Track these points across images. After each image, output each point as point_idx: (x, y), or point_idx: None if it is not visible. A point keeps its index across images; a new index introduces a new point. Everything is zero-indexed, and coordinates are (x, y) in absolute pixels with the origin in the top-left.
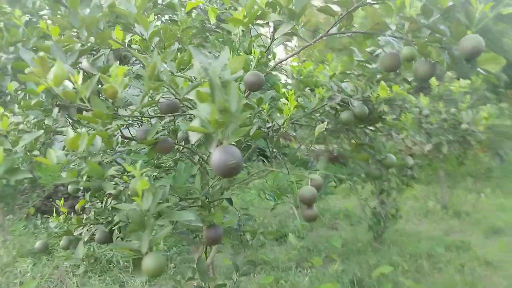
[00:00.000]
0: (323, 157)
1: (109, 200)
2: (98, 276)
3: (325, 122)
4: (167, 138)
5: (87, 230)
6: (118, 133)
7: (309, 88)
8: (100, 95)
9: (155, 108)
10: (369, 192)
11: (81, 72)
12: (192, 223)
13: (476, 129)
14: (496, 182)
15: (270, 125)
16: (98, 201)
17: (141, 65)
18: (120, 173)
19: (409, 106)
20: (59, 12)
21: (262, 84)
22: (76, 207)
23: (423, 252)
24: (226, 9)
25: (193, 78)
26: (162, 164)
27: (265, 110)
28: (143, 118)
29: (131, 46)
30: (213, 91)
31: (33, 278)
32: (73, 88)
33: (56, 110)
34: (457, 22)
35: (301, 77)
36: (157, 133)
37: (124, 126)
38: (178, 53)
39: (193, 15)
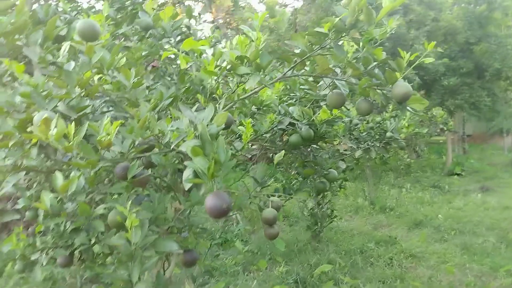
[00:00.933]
0: (261, 159)
1: (67, 224)
2: None
3: (282, 152)
4: (144, 173)
5: (46, 253)
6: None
7: (255, 107)
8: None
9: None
10: (306, 194)
11: (73, 123)
12: (173, 251)
13: (399, 137)
14: (414, 177)
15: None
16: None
17: (124, 113)
18: (108, 210)
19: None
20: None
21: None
22: (30, 230)
23: (356, 248)
24: (197, 57)
25: (180, 129)
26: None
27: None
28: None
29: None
30: (204, 145)
31: None
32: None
33: (34, 151)
34: (390, 71)
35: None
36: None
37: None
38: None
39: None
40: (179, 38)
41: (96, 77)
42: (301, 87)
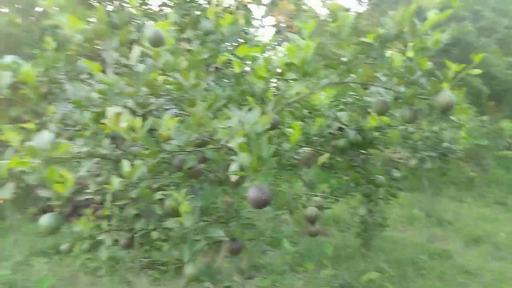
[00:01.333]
0: (313, 163)
1: (130, 209)
2: (106, 276)
3: (327, 154)
4: (198, 166)
5: (110, 235)
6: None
7: (307, 110)
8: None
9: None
10: (357, 201)
11: (141, 117)
12: (219, 237)
13: (456, 148)
14: (478, 192)
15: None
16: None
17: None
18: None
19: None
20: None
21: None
22: (97, 213)
23: (407, 259)
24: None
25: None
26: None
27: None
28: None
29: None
30: (249, 142)
31: (46, 276)
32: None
33: (106, 141)
34: (434, 80)
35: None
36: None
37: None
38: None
39: None
40: (236, 43)
41: (160, 78)
42: (351, 93)
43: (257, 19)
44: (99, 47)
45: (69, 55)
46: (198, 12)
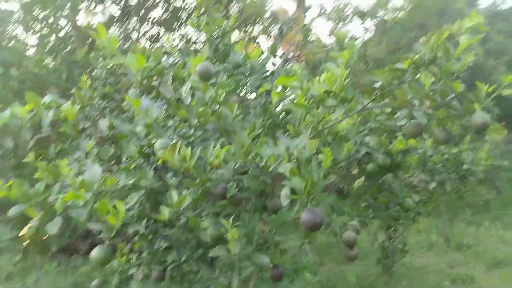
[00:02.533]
0: (331, 189)
1: (162, 243)
2: None
3: (362, 178)
4: (239, 194)
5: (141, 269)
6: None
7: (331, 137)
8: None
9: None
10: (377, 227)
11: (190, 147)
12: (265, 263)
13: (476, 169)
14: (494, 214)
15: None
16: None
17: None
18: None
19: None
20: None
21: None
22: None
23: (431, 285)
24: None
25: (277, 154)
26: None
27: None
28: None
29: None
30: (299, 167)
31: None
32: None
33: (152, 173)
34: (468, 102)
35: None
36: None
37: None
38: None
39: None
40: (265, 74)
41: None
42: (377, 118)
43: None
44: (154, 84)
45: (104, 94)
46: (225, 47)
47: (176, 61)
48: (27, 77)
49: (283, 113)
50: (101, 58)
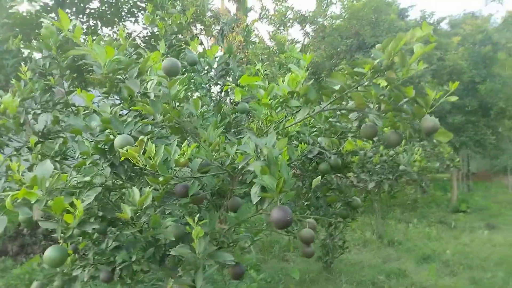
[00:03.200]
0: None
1: (110, 242)
2: None
3: (319, 177)
4: (201, 193)
5: (86, 270)
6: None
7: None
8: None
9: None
10: (318, 225)
11: (153, 144)
12: (227, 262)
13: (411, 170)
14: (420, 212)
15: None
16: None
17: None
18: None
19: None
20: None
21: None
22: (74, 247)
23: (367, 280)
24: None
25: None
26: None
27: None
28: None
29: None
30: (269, 165)
31: None
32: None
33: (108, 169)
34: (418, 106)
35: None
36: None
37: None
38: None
39: None
40: (221, 72)
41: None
42: (329, 120)
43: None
44: (120, 77)
45: (46, 85)
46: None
47: (130, 56)
48: None
49: (236, 113)
50: (44, 48)
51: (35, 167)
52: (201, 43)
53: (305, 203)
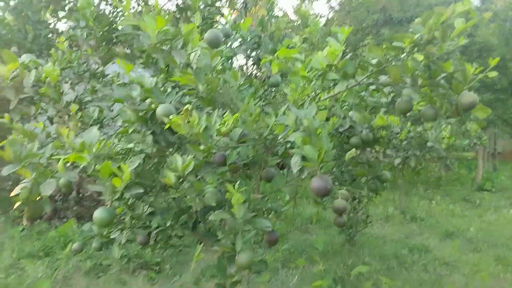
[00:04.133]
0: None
1: (146, 207)
2: (99, 277)
3: (353, 149)
4: (238, 162)
5: (124, 233)
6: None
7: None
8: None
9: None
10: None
11: (196, 114)
12: (266, 228)
13: (439, 147)
14: (444, 190)
15: None
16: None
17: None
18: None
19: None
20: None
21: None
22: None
23: (390, 253)
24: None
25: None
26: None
27: None
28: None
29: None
30: (310, 136)
31: (41, 278)
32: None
33: (150, 137)
34: (457, 81)
35: None
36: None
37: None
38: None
39: None
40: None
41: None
42: (360, 94)
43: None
44: (164, 48)
45: (84, 55)
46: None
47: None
48: None
49: (270, 86)
50: (81, 19)
51: (80, 134)
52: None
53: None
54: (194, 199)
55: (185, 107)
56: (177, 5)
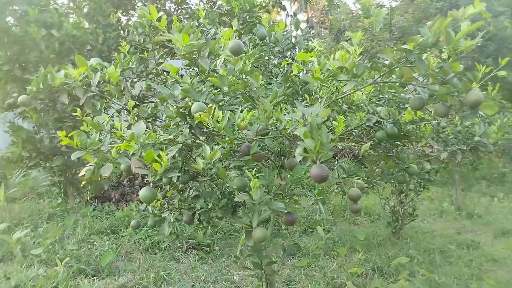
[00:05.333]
0: (346, 156)
1: (191, 191)
2: (156, 254)
3: (368, 144)
4: (261, 152)
5: (172, 213)
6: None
7: (346, 105)
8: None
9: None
10: (389, 192)
11: (221, 110)
12: (280, 209)
13: (487, 142)
14: (509, 187)
15: None
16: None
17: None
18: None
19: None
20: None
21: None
22: (163, 194)
23: (436, 247)
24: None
25: (294, 119)
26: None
27: None
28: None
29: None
30: (312, 131)
31: (107, 252)
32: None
33: (187, 130)
34: (465, 80)
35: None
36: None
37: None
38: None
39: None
40: (288, 46)
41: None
42: (389, 90)
43: (290, 15)
44: (194, 56)
45: (142, 58)
46: (251, 20)
47: (208, 33)
48: (66, 38)
49: (303, 82)
50: (139, 27)
51: (132, 127)
52: (284, 9)
53: (376, 170)
54: (220, 181)
55: (209, 105)
56: (218, 12)
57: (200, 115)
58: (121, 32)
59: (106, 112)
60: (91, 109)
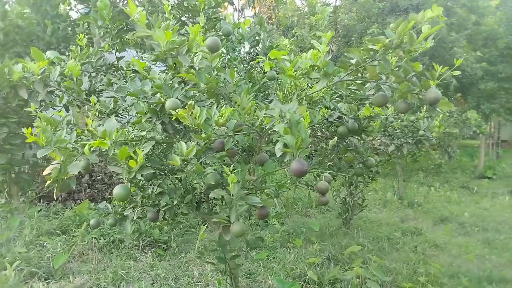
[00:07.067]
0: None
1: (155, 188)
2: (112, 253)
3: (335, 138)
4: (235, 148)
5: (135, 211)
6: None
7: (306, 102)
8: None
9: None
10: (339, 184)
11: (199, 107)
12: (255, 204)
13: (430, 135)
14: (444, 177)
15: None
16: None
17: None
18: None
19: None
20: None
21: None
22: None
23: (383, 235)
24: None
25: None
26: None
27: None
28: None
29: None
30: (291, 127)
31: (59, 253)
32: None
33: (159, 126)
34: (424, 79)
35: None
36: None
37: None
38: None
39: None
40: (253, 43)
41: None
42: (349, 87)
43: (238, 10)
44: (173, 53)
45: (100, 51)
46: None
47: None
48: (11, 29)
49: (267, 79)
50: (99, 19)
51: (101, 122)
52: (232, 3)
53: (328, 163)
54: (198, 180)
55: (189, 102)
56: (184, 7)
57: (177, 111)
58: (71, 23)
59: (53, 108)
60: (50, 105)
